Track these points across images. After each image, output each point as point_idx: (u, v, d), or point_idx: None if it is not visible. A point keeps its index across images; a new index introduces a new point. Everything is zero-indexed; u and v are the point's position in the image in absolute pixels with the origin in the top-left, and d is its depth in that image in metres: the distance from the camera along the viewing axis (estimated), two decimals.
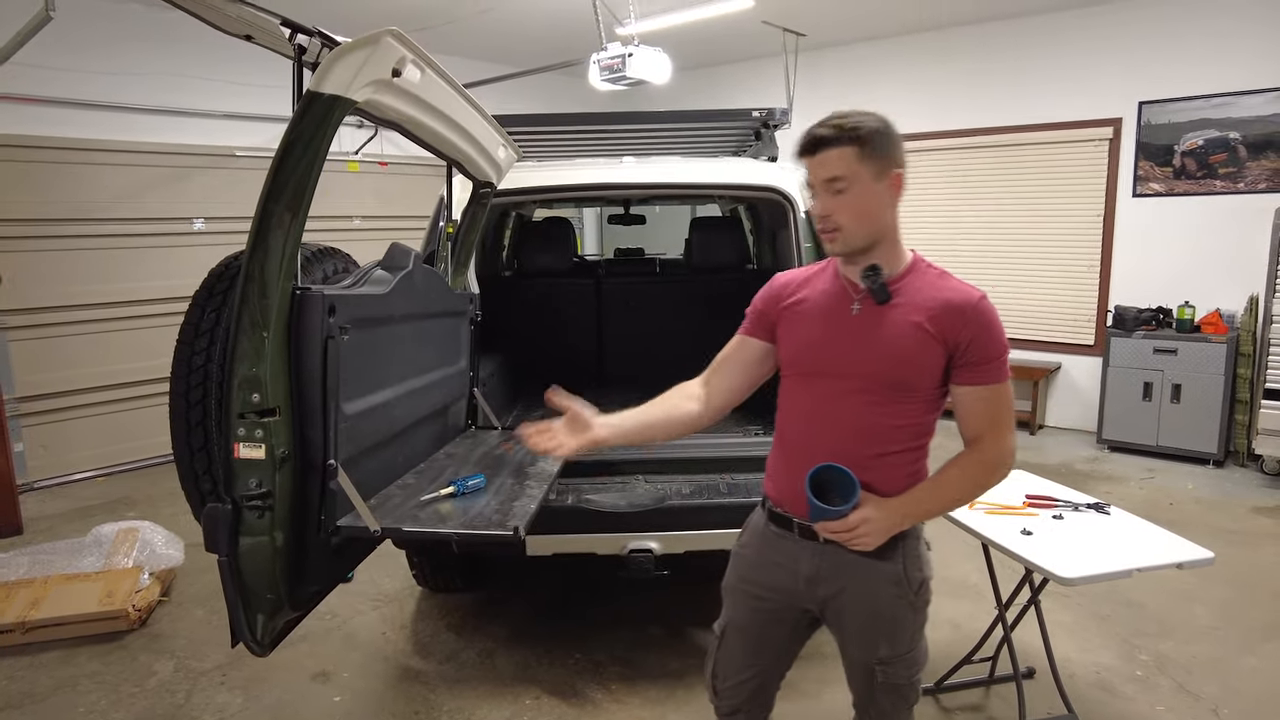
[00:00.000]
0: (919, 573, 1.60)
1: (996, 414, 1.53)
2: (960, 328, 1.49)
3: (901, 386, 1.53)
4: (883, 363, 1.52)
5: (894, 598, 1.58)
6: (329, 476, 1.77)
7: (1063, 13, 5.93)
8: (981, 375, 1.51)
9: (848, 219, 1.50)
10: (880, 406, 1.54)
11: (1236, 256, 5.35)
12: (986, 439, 1.54)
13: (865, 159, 1.47)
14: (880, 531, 1.51)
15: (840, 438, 1.55)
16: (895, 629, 1.60)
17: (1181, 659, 2.95)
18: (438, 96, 1.96)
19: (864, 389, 1.53)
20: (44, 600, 3.24)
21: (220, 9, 1.75)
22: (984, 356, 1.50)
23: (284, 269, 1.63)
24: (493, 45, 6.90)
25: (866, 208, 1.49)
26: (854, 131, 1.47)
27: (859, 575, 1.58)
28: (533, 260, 4.31)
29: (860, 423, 1.54)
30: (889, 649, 1.60)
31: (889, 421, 1.54)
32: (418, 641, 3.17)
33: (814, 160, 1.50)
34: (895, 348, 1.51)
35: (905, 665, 1.61)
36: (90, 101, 5.19)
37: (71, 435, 5.24)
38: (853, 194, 1.48)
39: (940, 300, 1.51)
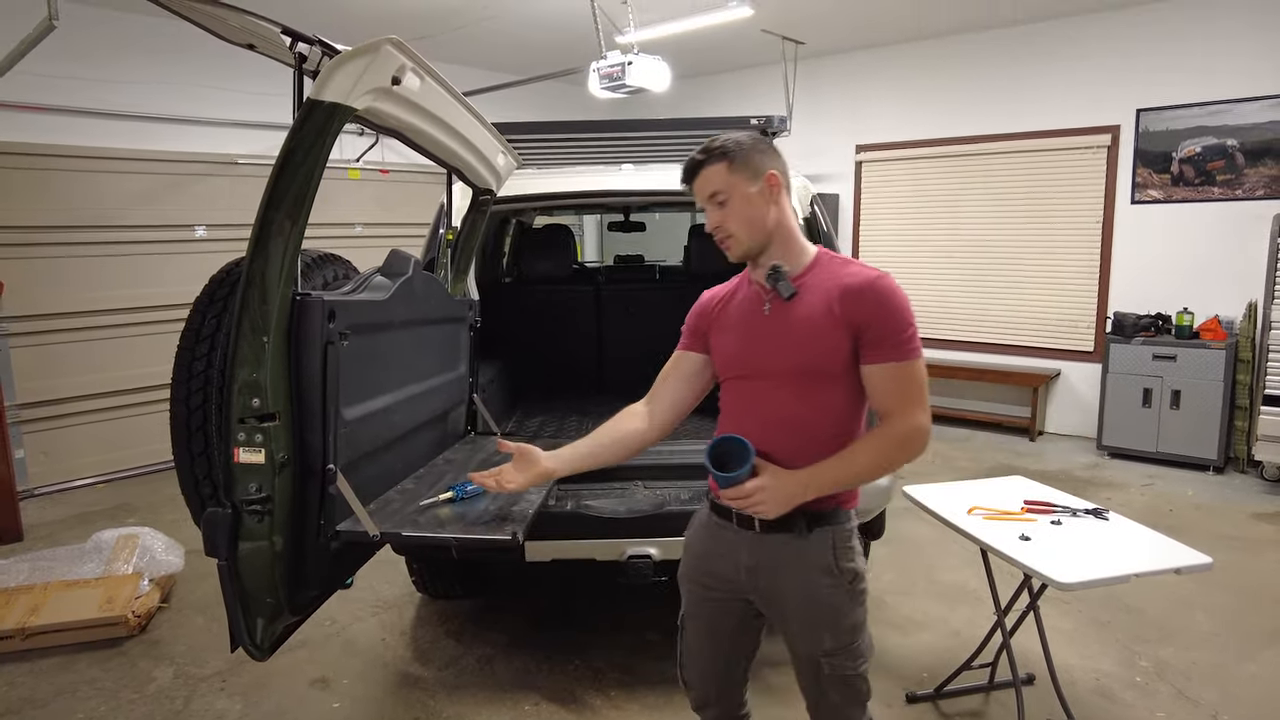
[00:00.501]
0: (850, 563, 1.65)
1: (903, 391, 1.57)
2: (858, 308, 1.56)
3: (816, 374, 1.60)
4: (795, 354, 1.61)
5: (829, 587, 1.63)
6: (328, 481, 1.78)
7: (1061, 20, 5.96)
8: (885, 353, 1.56)
9: (736, 226, 1.63)
10: (802, 398, 1.61)
11: (1235, 263, 5.36)
12: (895, 415, 1.57)
13: (735, 170, 1.61)
14: (779, 499, 1.56)
15: (768, 427, 1.63)
16: (836, 618, 1.64)
17: (1181, 665, 2.95)
18: (437, 104, 1.98)
19: (784, 382, 1.62)
20: (44, 606, 3.24)
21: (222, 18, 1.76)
22: (884, 334, 1.55)
23: (284, 275, 1.64)
24: (493, 53, 6.94)
25: (749, 213, 1.62)
26: (720, 149, 1.62)
27: (793, 565, 1.64)
28: (533, 267, 4.33)
29: (786, 415, 1.62)
30: (832, 640, 1.64)
31: (814, 411, 1.62)
32: (417, 648, 3.17)
33: (695, 184, 1.65)
34: (804, 338, 1.60)
35: (850, 656, 1.65)
36: (92, 109, 5.23)
37: (72, 442, 5.24)
38: (734, 204, 1.62)
39: (840, 285, 1.59)
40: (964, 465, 5.52)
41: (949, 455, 5.79)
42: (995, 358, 6.52)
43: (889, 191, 7.08)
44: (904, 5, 5.76)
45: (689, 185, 1.67)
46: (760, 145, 1.64)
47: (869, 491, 2.76)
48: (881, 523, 3.03)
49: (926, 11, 5.92)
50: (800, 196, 3.07)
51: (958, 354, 6.69)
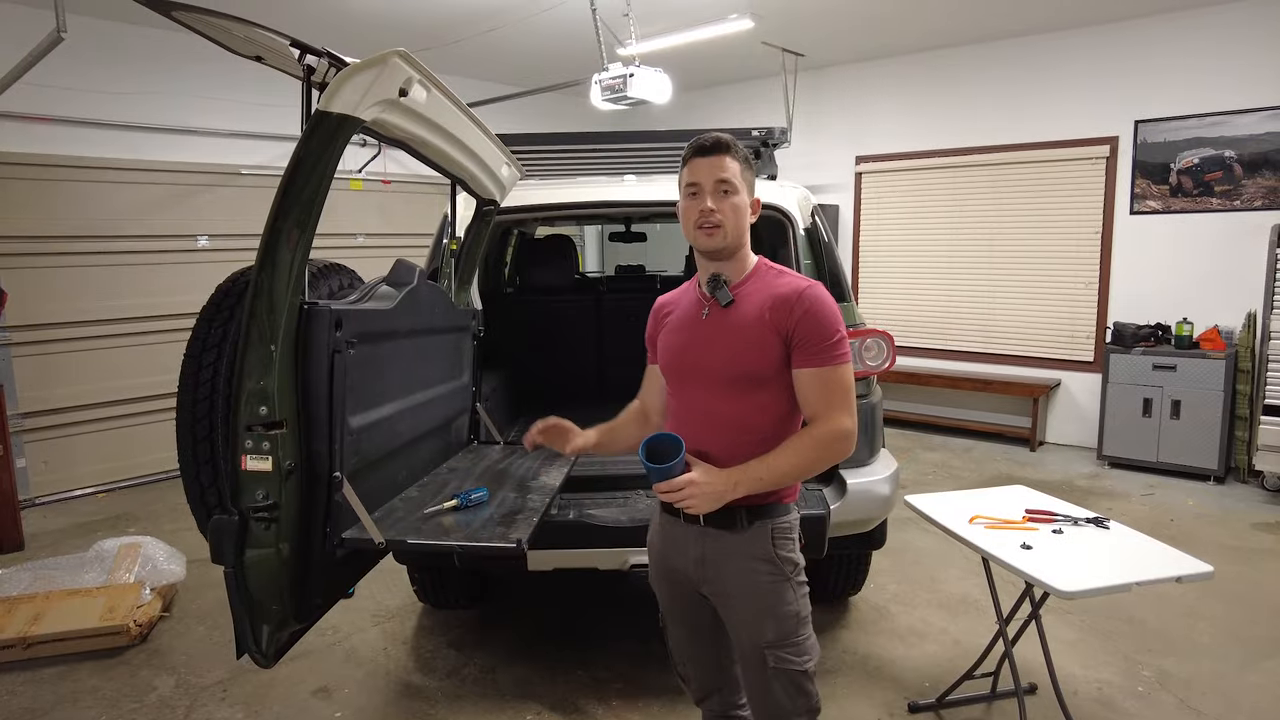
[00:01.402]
0: (789, 553, 1.72)
1: (828, 395, 1.64)
2: (788, 315, 1.64)
3: (749, 378, 1.68)
4: (728, 358, 1.69)
5: (769, 575, 1.70)
6: (334, 489, 1.79)
7: (1058, 33, 6.01)
8: (811, 359, 1.64)
9: (730, 218, 1.70)
10: (736, 399, 1.69)
11: (1234, 273, 5.38)
12: (820, 418, 1.65)
13: (745, 176, 1.73)
14: (708, 495, 1.62)
15: (706, 427, 1.71)
16: (777, 604, 1.69)
17: (1184, 675, 2.94)
18: (443, 115, 2.00)
19: (719, 384, 1.70)
20: (45, 615, 3.24)
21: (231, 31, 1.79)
22: (811, 340, 1.64)
23: (292, 284, 1.65)
24: (496, 66, 6.99)
25: (741, 215, 1.72)
26: (744, 153, 1.74)
27: (735, 556, 1.71)
28: (535, 277, 4.34)
29: (721, 416, 1.70)
30: (775, 631, 1.69)
31: (748, 412, 1.69)
32: (419, 657, 3.17)
33: (709, 160, 1.70)
34: (737, 343, 1.68)
35: (795, 650, 1.70)
36: (96, 120, 5.26)
37: (74, 451, 5.25)
38: (737, 199, 1.71)
39: (772, 294, 1.68)
40: (965, 475, 5.52)
41: (950, 465, 5.79)
42: (995, 368, 6.53)
43: (889, 203, 7.11)
44: (903, 18, 5.80)
45: (700, 159, 1.70)
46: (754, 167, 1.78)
47: (869, 501, 2.79)
48: (883, 532, 3.03)
49: (926, 24, 5.97)
50: (801, 207, 3.09)
51: (958, 364, 6.71)
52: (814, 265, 3.02)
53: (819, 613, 3.36)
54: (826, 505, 2.65)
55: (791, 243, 3.01)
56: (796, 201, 3.09)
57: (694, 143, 1.72)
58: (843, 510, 2.69)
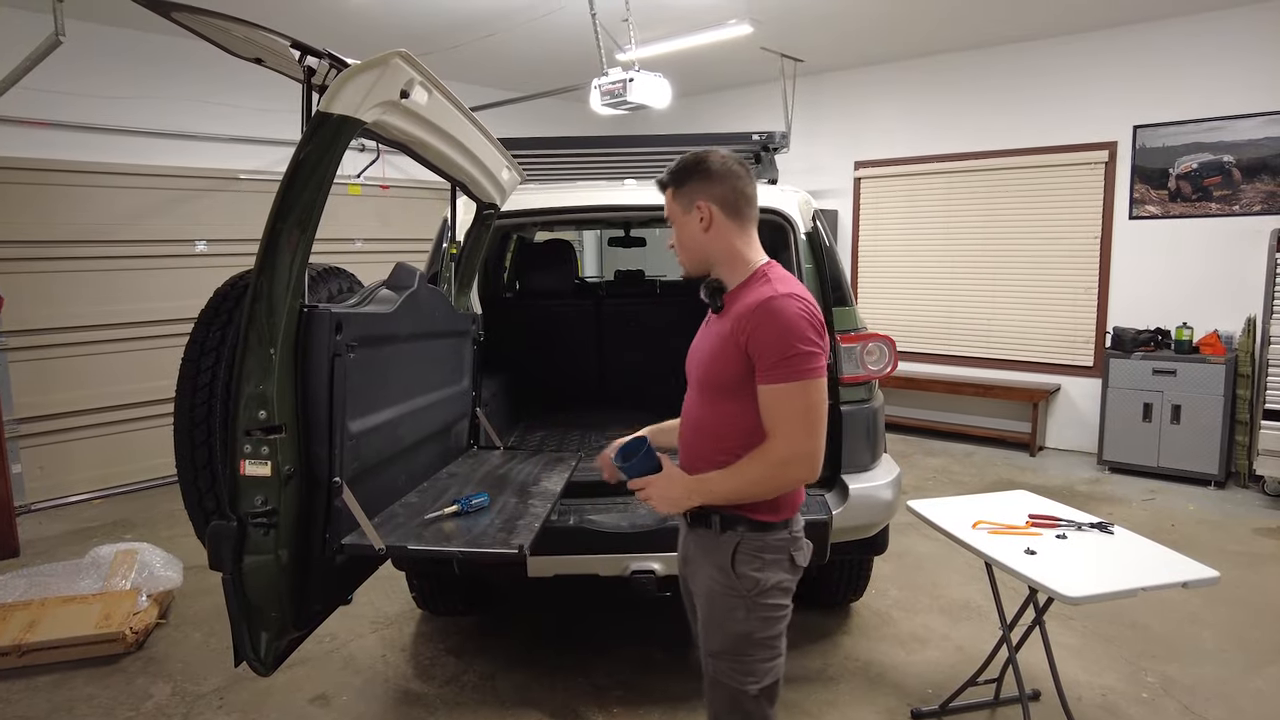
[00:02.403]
0: (751, 570, 1.65)
1: (781, 413, 1.58)
2: (743, 327, 1.60)
3: (717, 387, 1.68)
4: (703, 365, 1.73)
5: (722, 586, 1.67)
6: (334, 494, 1.77)
7: (1058, 38, 6.02)
8: (765, 373, 1.58)
9: (680, 250, 1.77)
10: (710, 406, 1.71)
11: (1233, 278, 5.38)
12: (773, 437, 1.59)
13: (676, 198, 1.74)
14: (665, 497, 1.66)
15: (692, 433, 1.76)
16: (725, 620, 1.66)
17: (1187, 681, 2.93)
18: (444, 118, 1.99)
19: (698, 389, 1.75)
20: (41, 622, 3.21)
21: (231, 32, 1.77)
22: (763, 354, 1.57)
23: (292, 287, 1.64)
24: (496, 70, 6.99)
25: (686, 239, 1.74)
26: (663, 179, 1.75)
27: (702, 559, 1.73)
28: (534, 282, 4.33)
29: (700, 421, 1.74)
30: (720, 643, 1.67)
31: (716, 420, 1.69)
32: (418, 664, 3.14)
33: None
34: (710, 352, 1.70)
35: (737, 670, 1.65)
36: (94, 125, 5.25)
37: (69, 457, 5.22)
38: (677, 229, 1.76)
39: (741, 304, 1.65)
40: (965, 480, 5.51)
41: (950, 470, 5.78)
42: (995, 373, 6.52)
43: (888, 207, 7.11)
44: (902, 23, 5.81)
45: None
46: (699, 172, 1.70)
47: (871, 507, 2.77)
48: (885, 538, 3.01)
49: (924, 30, 5.98)
50: (802, 211, 3.08)
51: (958, 369, 6.70)
52: (815, 269, 3.01)
53: (821, 619, 3.37)
54: (829, 510, 2.64)
55: (792, 246, 3.00)
56: (797, 205, 3.08)
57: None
58: (845, 515, 2.68)
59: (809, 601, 3.33)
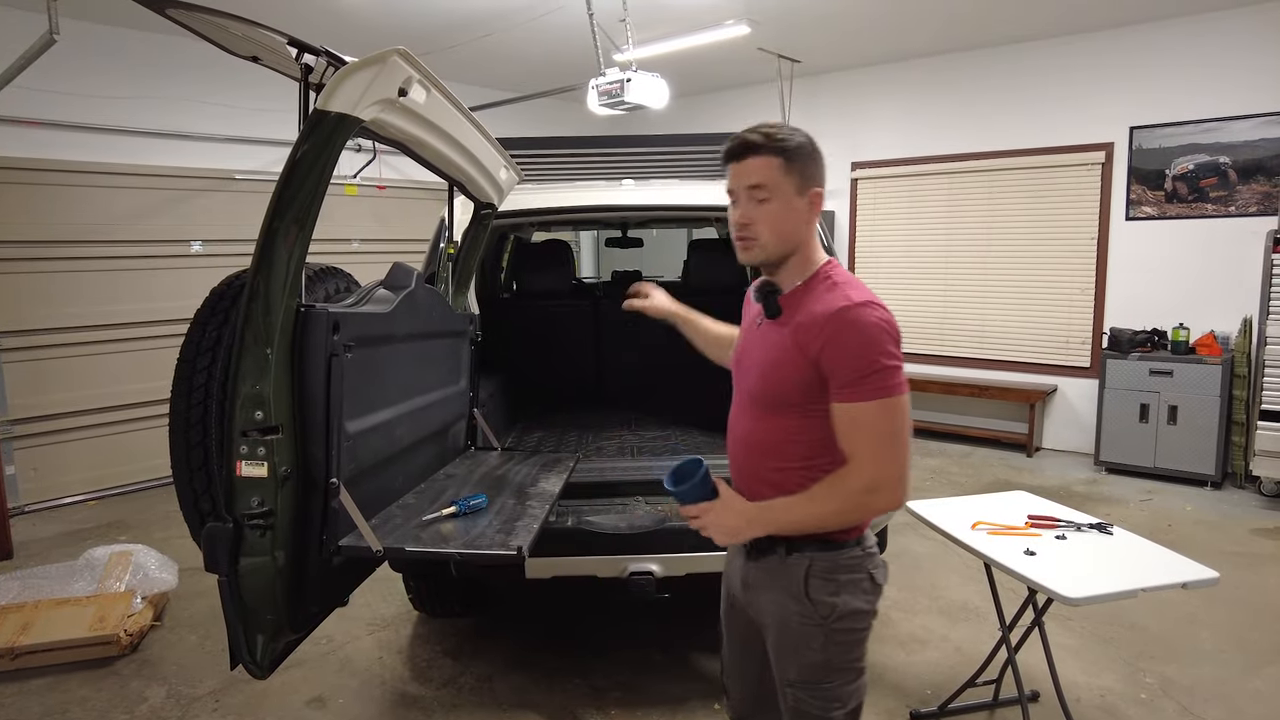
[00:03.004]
0: (827, 596, 1.50)
1: (861, 435, 1.41)
2: (814, 339, 1.42)
3: (778, 402, 1.50)
4: (760, 378, 1.54)
5: (798, 615, 1.51)
6: (331, 495, 1.76)
7: (1054, 39, 6.02)
8: (843, 391, 1.41)
9: (766, 230, 1.50)
10: (767, 420, 1.53)
11: (1229, 279, 5.39)
12: (855, 461, 1.43)
13: (790, 172, 1.47)
14: (724, 527, 1.51)
15: (743, 448, 1.59)
16: (802, 649, 1.52)
17: (1186, 682, 2.93)
18: (442, 117, 1.98)
19: (752, 400, 1.56)
20: (34, 625, 3.19)
21: (227, 29, 1.76)
22: (840, 370, 1.40)
23: (288, 286, 1.63)
24: (493, 71, 6.97)
25: (785, 221, 1.49)
26: (782, 143, 1.47)
27: (771, 587, 1.57)
28: (531, 282, 4.32)
29: (754, 436, 1.56)
30: (797, 672, 1.53)
31: (779, 436, 1.51)
32: (415, 667, 3.13)
33: (740, 166, 1.50)
34: (768, 363, 1.52)
35: (819, 697, 1.51)
36: (89, 124, 5.22)
37: (64, 458, 5.19)
38: (774, 205, 1.48)
39: (809, 312, 1.47)
40: (962, 481, 5.51)
41: (947, 471, 5.78)
42: (992, 373, 6.53)
43: (885, 208, 7.11)
44: (899, 25, 5.81)
45: (732, 165, 1.51)
46: (817, 153, 1.52)
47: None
48: (883, 539, 3.01)
49: (921, 31, 5.98)
50: None
51: (955, 370, 6.70)
52: None
53: None
54: None
55: None
56: None
57: (727, 144, 1.52)
58: None
59: None
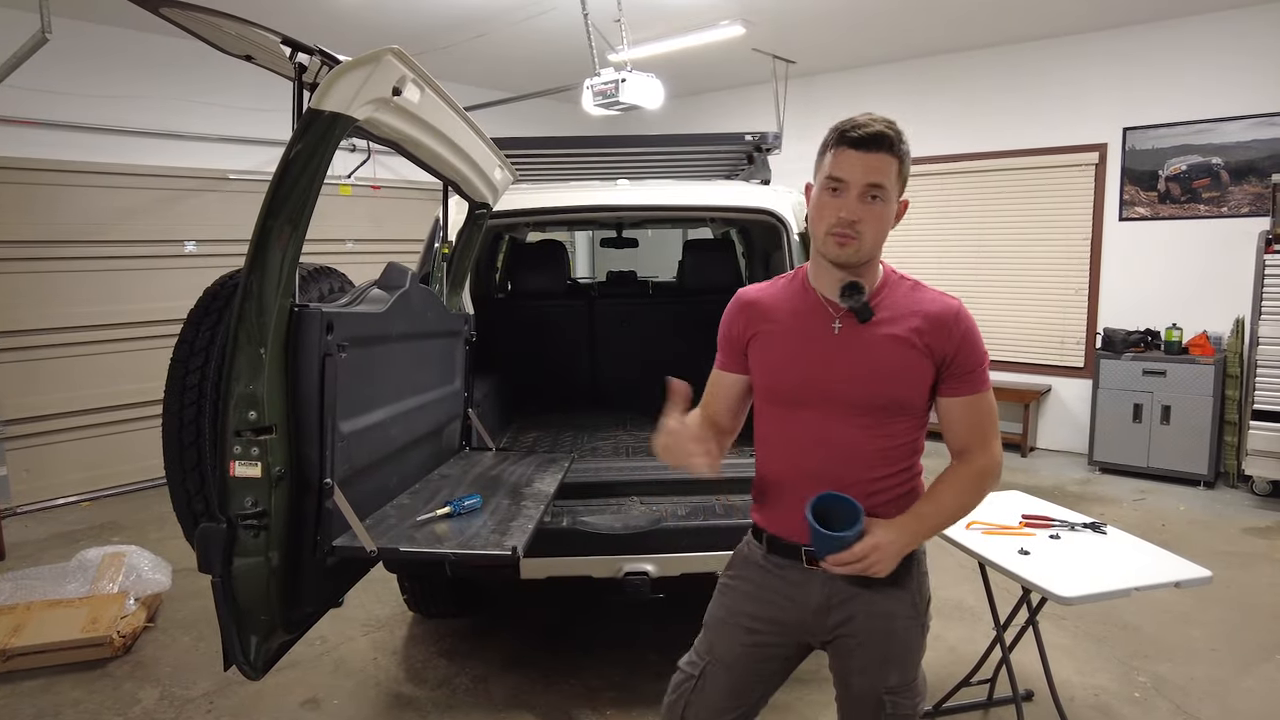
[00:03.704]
0: (928, 592, 1.60)
1: (981, 423, 1.53)
2: (946, 339, 1.47)
3: (894, 406, 1.49)
4: (873, 384, 1.47)
5: (908, 620, 1.54)
6: (325, 495, 1.75)
7: (1048, 41, 6.04)
8: (967, 385, 1.50)
9: (870, 231, 1.44)
10: (873, 429, 1.49)
11: (1222, 279, 5.42)
12: (975, 450, 1.53)
13: (899, 176, 1.45)
14: (893, 556, 1.44)
15: (836, 463, 1.50)
16: (907, 655, 1.56)
17: (1179, 681, 2.94)
18: (437, 116, 1.98)
19: (855, 412, 1.48)
20: (26, 627, 3.17)
21: (221, 28, 1.76)
22: (969, 366, 1.49)
23: (282, 286, 1.62)
24: (488, 71, 6.97)
25: (887, 224, 1.47)
26: (903, 145, 1.44)
27: (872, 600, 1.52)
28: (526, 282, 4.32)
29: (854, 447, 1.49)
30: (899, 677, 1.54)
31: (883, 443, 1.50)
32: (409, 668, 3.12)
33: (864, 157, 1.40)
34: (884, 367, 1.46)
35: (912, 694, 1.56)
36: (83, 124, 5.20)
37: (57, 459, 5.17)
38: (882, 207, 1.44)
39: (922, 313, 1.48)
40: None
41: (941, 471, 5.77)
42: None
43: None
44: (893, 26, 5.83)
45: (853, 152, 1.42)
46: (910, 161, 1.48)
47: None
48: None
49: (915, 32, 5.99)
50: (795, 212, 3.07)
51: None
52: None
53: None
54: None
55: (785, 247, 3.00)
56: (790, 206, 3.07)
57: (846, 128, 1.43)
58: None
59: None
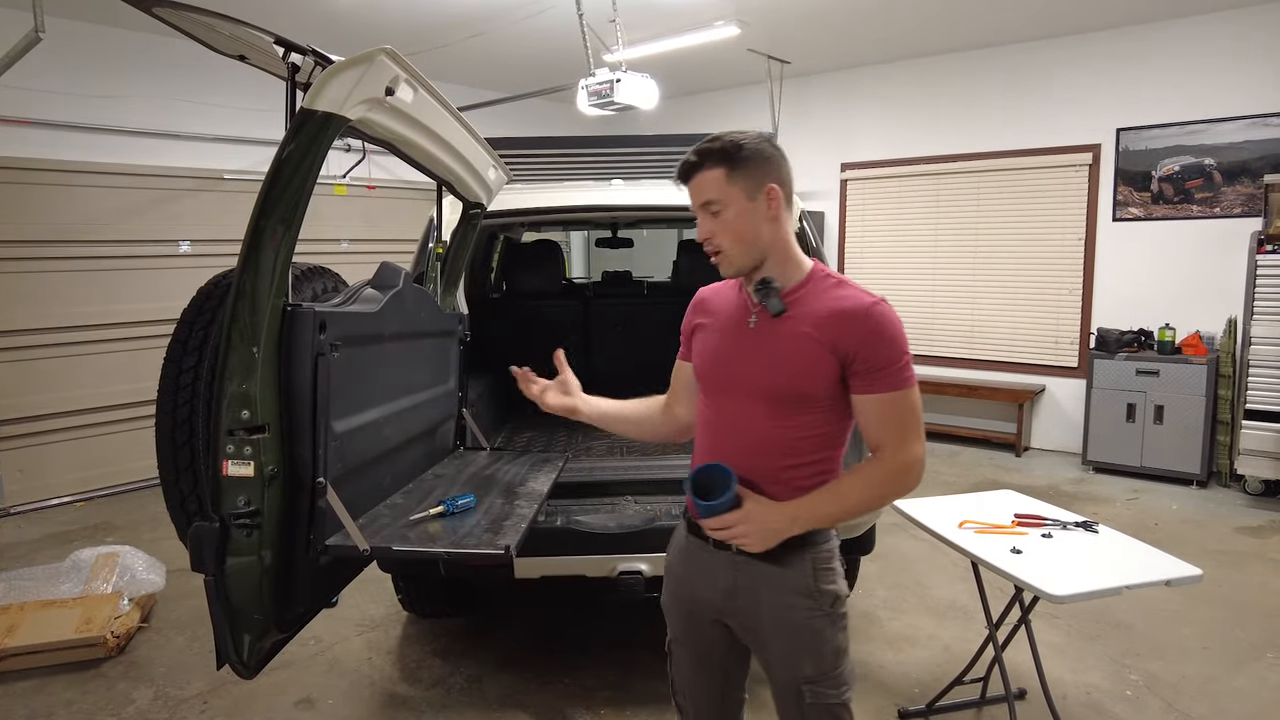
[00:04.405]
0: (830, 585, 1.56)
1: (896, 422, 1.49)
2: (849, 335, 1.47)
3: (797, 399, 1.52)
4: (777, 376, 1.52)
5: (808, 610, 1.55)
6: (318, 495, 1.75)
7: (1043, 42, 6.07)
8: (879, 383, 1.48)
9: (728, 241, 1.51)
10: (781, 419, 1.53)
11: (1215, 279, 5.44)
12: (887, 447, 1.50)
13: (735, 180, 1.49)
14: (763, 531, 1.50)
15: (747, 450, 1.55)
16: (817, 644, 1.55)
17: (1171, 679, 2.95)
18: (430, 116, 1.98)
19: (764, 402, 1.54)
20: (19, 627, 3.16)
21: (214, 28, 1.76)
22: (876, 364, 1.47)
23: (275, 285, 1.62)
24: (482, 71, 6.97)
25: (744, 228, 1.51)
26: (720, 152, 1.49)
27: (770, 588, 1.56)
28: (521, 282, 4.32)
29: (764, 436, 1.54)
30: (814, 667, 1.55)
31: (793, 433, 1.53)
32: (404, 667, 3.12)
33: (690, 186, 1.53)
34: (788, 360, 1.51)
35: (833, 684, 1.56)
36: (77, 124, 5.19)
37: (50, 459, 5.16)
38: (727, 216, 1.50)
39: (831, 309, 1.50)
40: (951, 480, 5.54)
41: (936, 470, 5.80)
42: (981, 374, 6.57)
43: (874, 210, 7.14)
44: (888, 26, 5.84)
45: (683, 186, 1.56)
46: (764, 151, 1.52)
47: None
48: (872, 538, 3.02)
49: (910, 32, 6.01)
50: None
51: (944, 370, 6.73)
52: None
53: None
54: None
55: None
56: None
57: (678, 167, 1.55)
58: None
59: None
